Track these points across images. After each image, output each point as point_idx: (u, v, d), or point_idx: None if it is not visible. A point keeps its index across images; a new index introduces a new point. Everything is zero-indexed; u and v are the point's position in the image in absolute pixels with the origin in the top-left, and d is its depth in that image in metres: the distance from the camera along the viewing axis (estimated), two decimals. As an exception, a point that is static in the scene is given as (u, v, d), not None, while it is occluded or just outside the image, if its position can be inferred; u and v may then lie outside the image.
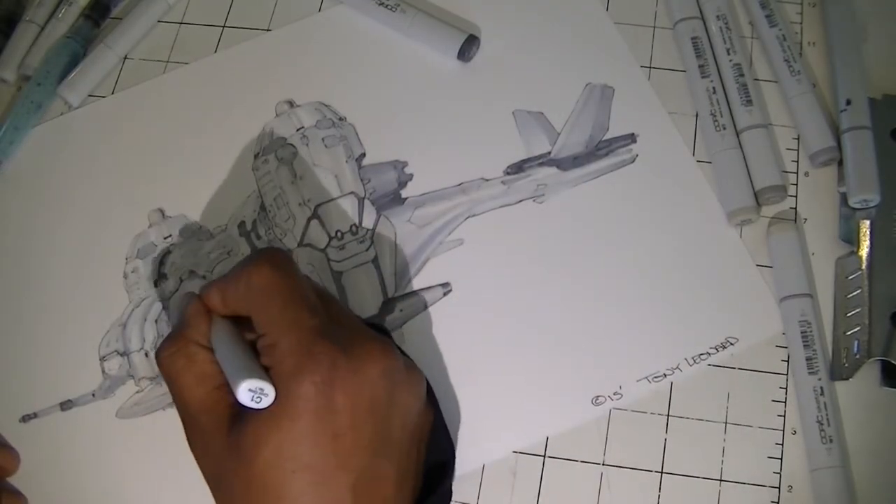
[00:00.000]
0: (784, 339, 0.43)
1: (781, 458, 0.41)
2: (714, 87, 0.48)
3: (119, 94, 0.54)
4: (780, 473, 0.41)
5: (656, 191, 0.47)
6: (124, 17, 0.55)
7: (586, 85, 0.49)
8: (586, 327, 0.44)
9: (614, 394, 0.43)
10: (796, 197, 0.46)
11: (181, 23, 0.55)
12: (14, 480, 0.45)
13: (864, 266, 0.44)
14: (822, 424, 0.41)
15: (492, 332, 0.45)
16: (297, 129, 0.51)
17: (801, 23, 0.50)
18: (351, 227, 0.48)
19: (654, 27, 0.51)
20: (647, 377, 0.43)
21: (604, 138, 0.48)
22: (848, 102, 0.46)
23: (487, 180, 0.48)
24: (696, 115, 0.48)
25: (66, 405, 0.46)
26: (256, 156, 0.50)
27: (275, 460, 0.34)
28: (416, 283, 0.47)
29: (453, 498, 0.42)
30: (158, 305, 0.48)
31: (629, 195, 0.47)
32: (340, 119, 0.51)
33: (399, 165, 0.49)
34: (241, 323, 0.37)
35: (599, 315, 0.45)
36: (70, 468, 0.45)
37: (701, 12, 0.50)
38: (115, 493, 0.45)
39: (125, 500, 0.44)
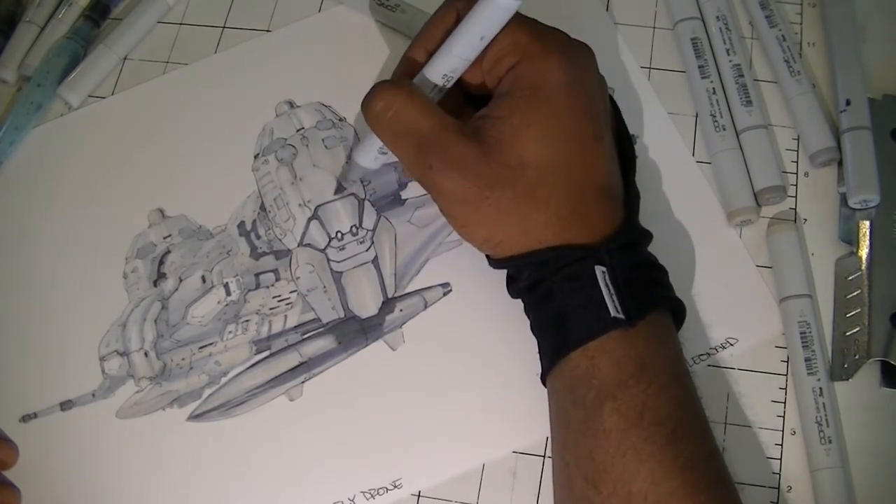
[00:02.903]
0: (784, 339, 0.43)
1: (781, 459, 0.41)
2: (714, 88, 0.48)
3: (119, 95, 0.54)
4: (779, 474, 0.41)
5: (656, 191, 0.47)
6: (124, 18, 0.55)
7: (586, 85, 0.49)
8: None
9: (614, 394, 0.43)
10: (796, 197, 0.46)
11: (181, 23, 0.55)
12: (14, 480, 0.45)
13: (863, 267, 0.44)
14: (821, 425, 0.41)
15: (491, 332, 0.45)
16: (298, 130, 0.51)
17: (800, 23, 0.50)
18: (351, 227, 0.48)
19: (654, 27, 0.51)
20: (646, 377, 0.43)
21: (604, 138, 0.48)
22: (848, 103, 0.46)
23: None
24: (696, 116, 0.48)
25: (66, 405, 0.47)
26: (256, 156, 0.50)
27: (543, 137, 0.38)
28: (416, 284, 0.47)
29: (451, 498, 0.43)
30: (158, 305, 0.48)
31: (629, 195, 0.47)
32: (340, 120, 0.51)
33: (399, 167, 0.49)
34: None
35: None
36: (70, 468, 0.45)
37: (701, 13, 0.50)
38: (116, 494, 0.45)
39: (125, 500, 0.44)
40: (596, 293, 0.37)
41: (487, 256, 0.41)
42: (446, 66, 0.39)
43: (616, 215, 0.39)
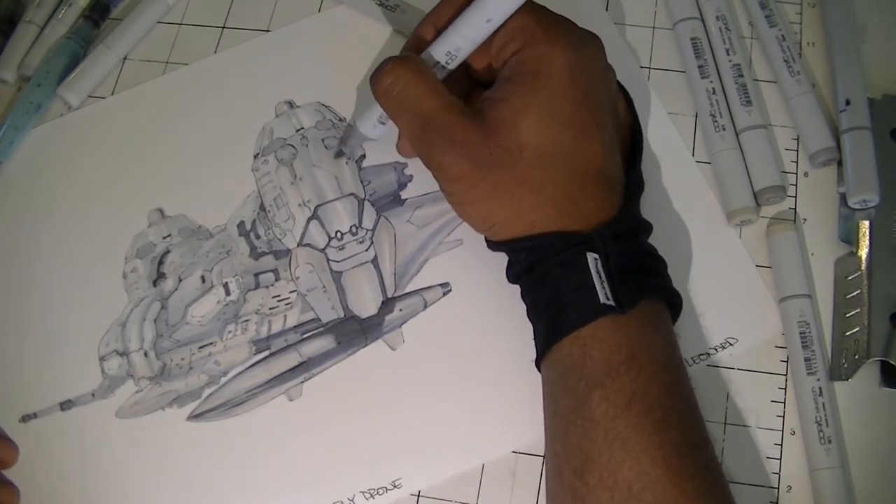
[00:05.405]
0: (783, 339, 0.43)
1: (780, 459, 0.41)
2: (714, 88, 0.48)
3: (119, 95, 0.54)
4: (779, 474, 0.41)
5: (656, 191, 0.47)
6: (124, 18, 0.55)
7: (586, 85, 0.49)
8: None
9: (613, 394, 0.43)
10: (796, 197, 0.46)
11: (181, 23, 0.55)
12: (14, 479, 0.45)
13: (863, 267, 0.44)
14: (820, 425, 0.41)
15: (491, 332, 0.45)
16: (297, 130, 0.51)
17: (800, 23, 0.50)
18: (351, 227, 0.48)
19: (654, 27, 0.51)
20: (646, 377, 0.43)
21: (603, 138, 0.48)
22: (847, 102, 0.46)
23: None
24: (696, 116, 0.48)
25: (66, 405, 0.47)
26: (256, 156, 0.50)
27: (541, 121, 0.38)
28: (416, 283, 0.47)
29: (451, 498, 0.43)
30: (158, 305, 0.48)
31: (629, 195, 0.47)
32: (340, 120, 0.51)
33: (399, 167, 0.49)
34: None
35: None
36: (70, 468, 0.45)
37: (700, 13, 0.50)
38: (116, 493, 0.45)
39: (125, 500, 0.44)
40: (587, 280, 0.37)
41: (486, 239, 0.42)
42: (450, 45, 0.40)
43: (613, 203, 0.39)
